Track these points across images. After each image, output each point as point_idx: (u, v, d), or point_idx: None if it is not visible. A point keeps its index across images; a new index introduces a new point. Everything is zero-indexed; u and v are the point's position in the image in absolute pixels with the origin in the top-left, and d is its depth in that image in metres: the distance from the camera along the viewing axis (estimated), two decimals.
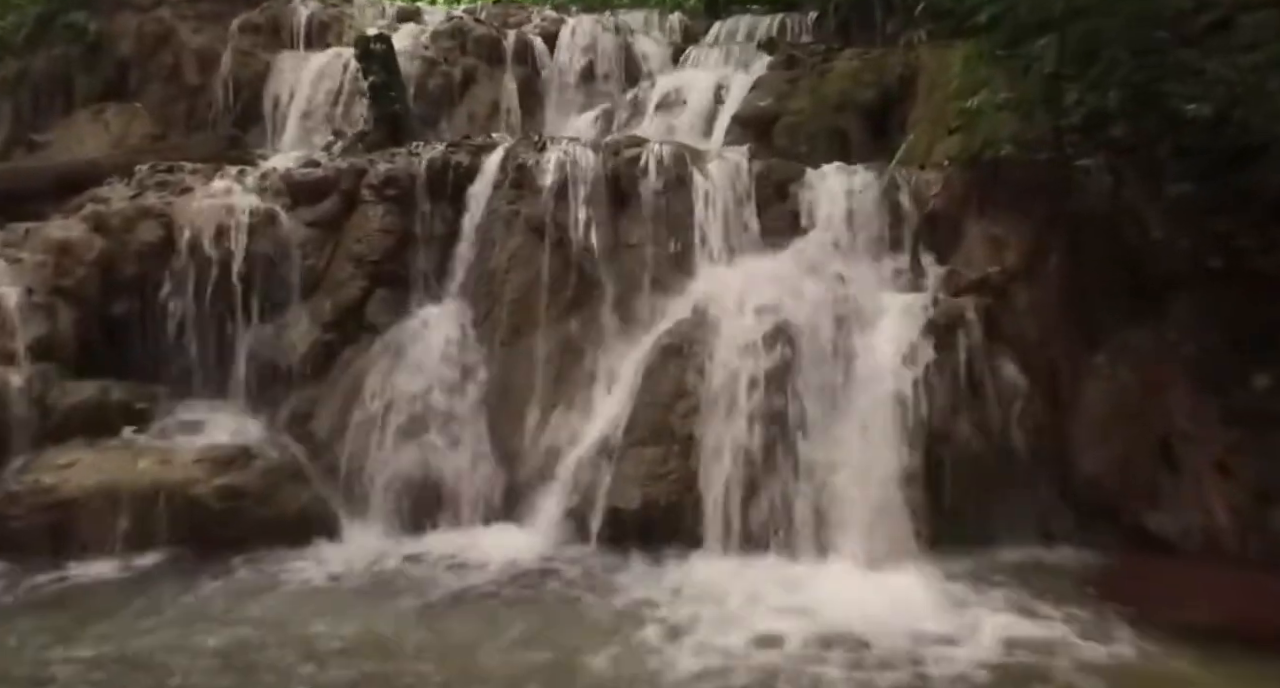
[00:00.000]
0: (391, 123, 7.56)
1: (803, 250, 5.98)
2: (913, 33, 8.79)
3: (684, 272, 5.94)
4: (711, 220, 6.09)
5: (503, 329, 5.99)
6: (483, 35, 9.34)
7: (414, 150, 6.68)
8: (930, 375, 5.20)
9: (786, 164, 6.43)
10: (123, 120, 8.80)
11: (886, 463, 4.99)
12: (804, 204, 6.21)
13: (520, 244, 6.09)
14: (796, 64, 8.96)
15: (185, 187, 6.22)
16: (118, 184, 6.43)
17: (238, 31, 9.17)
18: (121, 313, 5.88)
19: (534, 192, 6.16)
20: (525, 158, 6.25)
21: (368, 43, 7.56)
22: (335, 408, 5.85)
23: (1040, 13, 5.82)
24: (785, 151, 7.33)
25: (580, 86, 9.35)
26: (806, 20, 10.89)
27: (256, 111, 8.96)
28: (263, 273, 6.11)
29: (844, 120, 7.45)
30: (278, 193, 6.41)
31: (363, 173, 6.46)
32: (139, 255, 5.88)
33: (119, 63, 9.25)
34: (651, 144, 6.32)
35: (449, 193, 6.42)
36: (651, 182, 6.16)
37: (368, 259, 6.19)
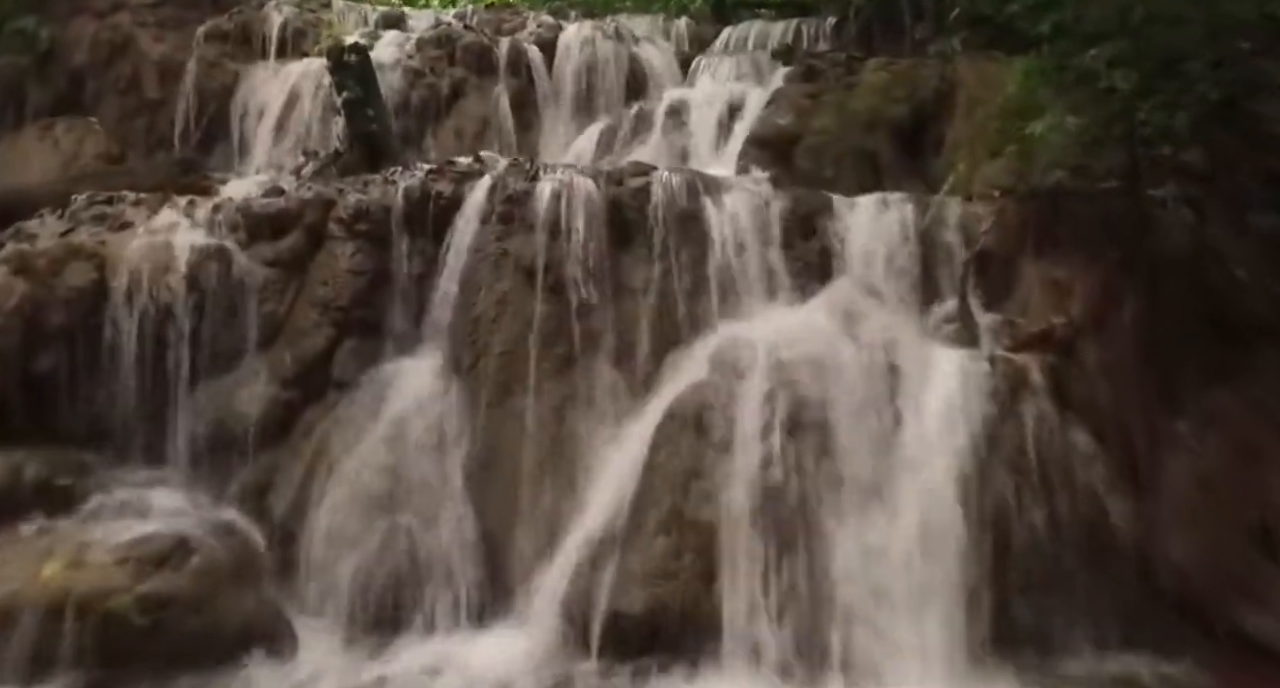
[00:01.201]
0: (368, 143, 6.77)
1: (835, 297, 5.19)
2: (945, 42, 8.04)
3: (697, 323, 5.14)
4: (729, 262, 5.29)
5: (489, 387, 5.18)
6: (472, 43, 8.54)
7: (390, 177, 5.87)
8: (991, 452, 4.43)
9: (813, 194, 5.65)
10: (74, 137, 7.99)
11: (941, 560, 4.22)
12: (835, 241, 5.43)
13: (509, 288, 5.29)
14: (817, 76, 8.16)
15: (124, 221, 5.42)
16: (49, 217, 5.63)
17: (203, 40, 8.34)
18: (46, 368, 5.06)
19: (525, 228, 5.37)
20: (515, 188, 5.46)
21: (341, 54, 6.77)
22: (295, 480, 5.04)
23: (1111, 21, 5.05)
24: (809, 176, 6.55)
25: (579, 100, 8.53)
26: (824, 27, 10.10)
27: (224, 128, 8.13)
28: (213, 321, 5.29)
29: (873, 141, 6.66)
30: (233, 227, 5.60)
31: (330, 204, 5.66)
32: (67, 302, 5.07)
33: (73, 73, 8.41)
34: (659, 172, 5.53)
35: (429, 227, 5.61)
36: (660, 216, 5.38)
37: (335, 305, 5.38)
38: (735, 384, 4.66)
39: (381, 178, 5.88)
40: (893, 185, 6.61)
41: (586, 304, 5.19)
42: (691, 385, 4.76)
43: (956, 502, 4.24)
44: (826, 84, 7.36)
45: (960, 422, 4.49)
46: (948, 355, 4.84)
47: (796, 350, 4.76)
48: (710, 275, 5.26)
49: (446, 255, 5.52)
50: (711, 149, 7.39)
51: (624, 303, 5.27)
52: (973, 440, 4.42)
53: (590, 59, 8.70)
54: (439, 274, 5.49)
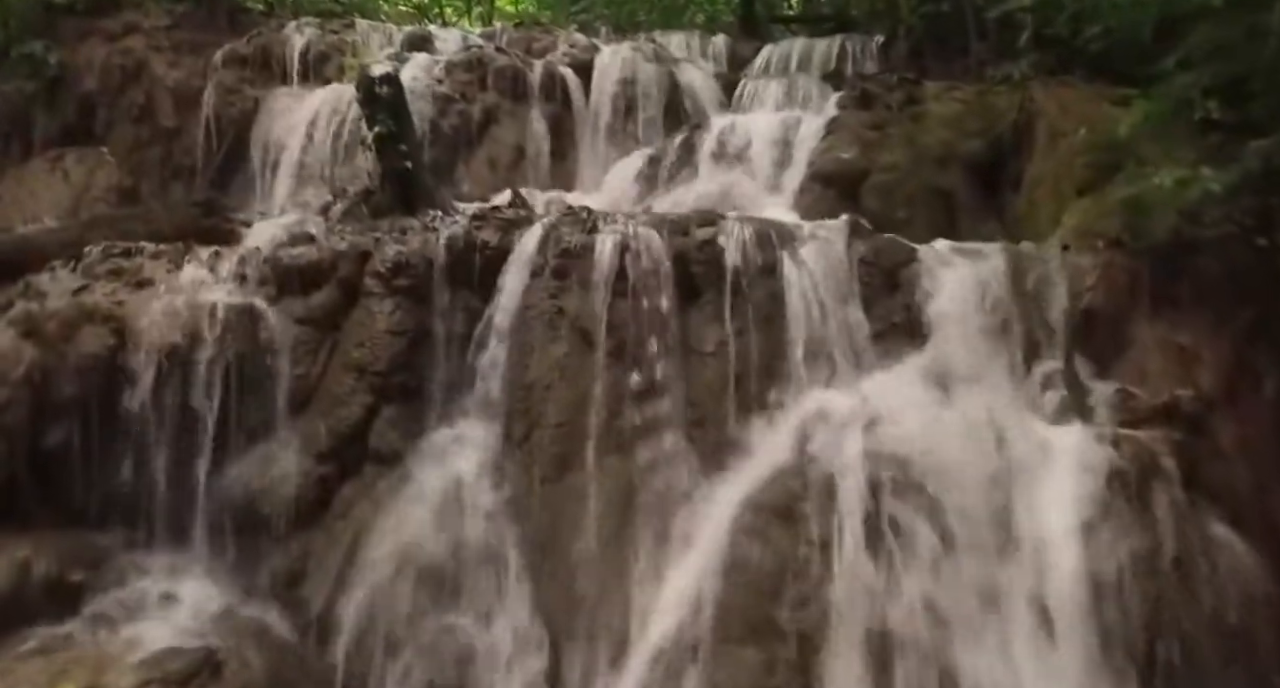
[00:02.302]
0: (401, 181, 6.26)
1: (926, 361, 4.69)
2: (1012, 65, 7.53)
3: (777, 391, 4.63)
4: (808, 322, 4.80)
5: (544, 461, 4.69)
6: (505, 67, 8.05)
7: (430, 224, 5.39)
8: (1121, 550, 3.93)
9: (895, 243, 5.13)
10: (84, 169, 7.52)
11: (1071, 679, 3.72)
12: (921, 296, 4.91)
13: (566, 352, 4.80)
14: (873, 102, 7.67)
15: (143, 278, 4.93)
16: (60, 271, 5.14)
17: (221, 64, 7.87)
18: (57, 443, 4.57)
19: (583, 284, 4.87)
20: (572, 240, 4.97)
21: (372, 84, 6.27)
22: (332, 568, 4.55)
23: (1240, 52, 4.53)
24: (878, 217, 6.03)
25: (618, 126, 8.05)
26: (870, 46, 9.61)
27: (243, 159, 7.67)
28: (239, 387, 4.82)
29: (948, 178, 6.16)
30: (261, 281, 5.12)
31: (366, 256, 5.17)
32: (81, 371, 4.59)
33: (82, 100, 7.95)
34: (728, 222, 5.03)
35: (474, 280, 5.12)
36: (731, 271, 4.89)
37: (372, 369, 4.88)
38: (828, 469, 4.15)
39: (421, 225, 5.39)
40: (969, 227, 6.13)
41: (653, 370, 4.72)
42: (777, 469, 4.26)
43: (1087, 612, 3.75)
44: (890, 114, 6.85)
45: (1083, 514, 3.98)
46: (1061, 433, 4.33)
47: (893, 429, 4.25)
48: (788, 337, 4.75)
49: (494, 313, 5.04)
50: (766, 184, 6.88)
51: (693, 369, 4.78)
52: (1099, 537, 3.92)
53: (629, 82, 8.20)
54: (485, 333, 4.99)
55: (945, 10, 8.80)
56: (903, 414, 4.33)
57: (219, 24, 8.30)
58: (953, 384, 4.54)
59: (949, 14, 8.81)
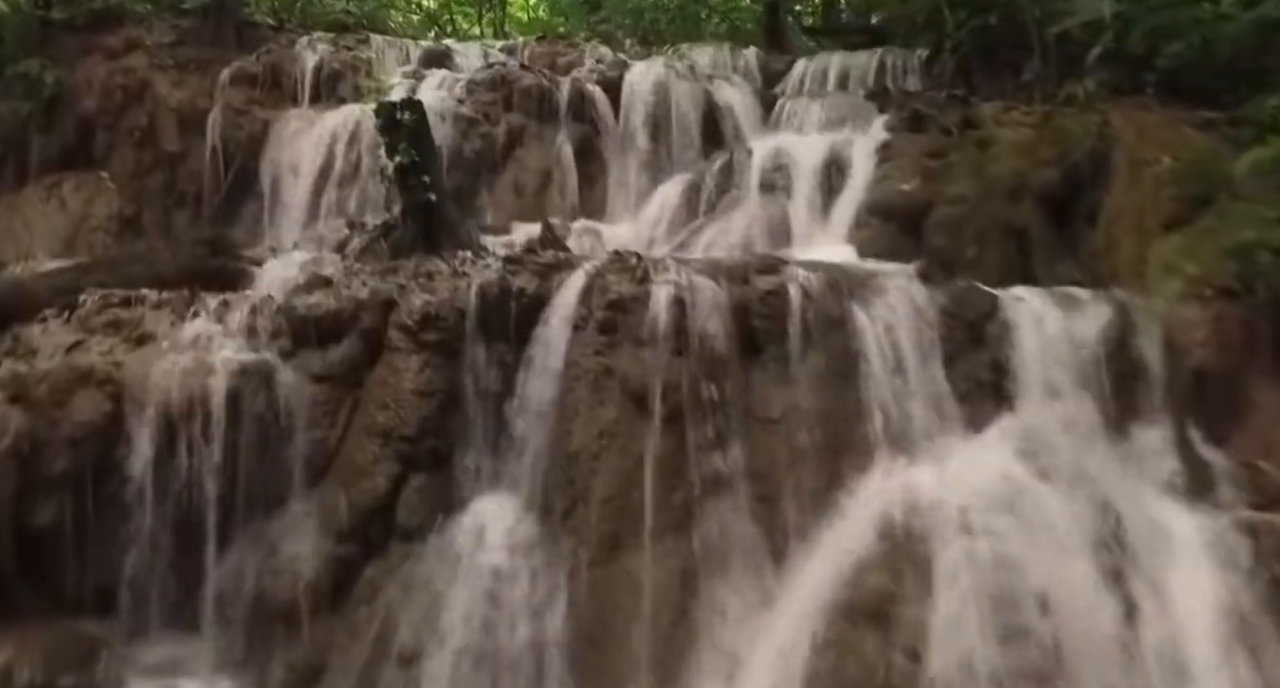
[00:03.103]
0: (424, 215, 5.78)
1: (1017, 427, 4.20)
2: (1075, 85, 7.02)
3: (854, 464, 4.14)
4: (884, 382, 4.30)
5: (591, 541, 4.17)
6: (531, 86, 7.55)
7: (459, 268, 4.90)
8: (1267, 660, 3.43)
9: (975, 291, 4.63)
10: (83, 197, 7.04)
11: None
12: (1006, 352, 4.42)
13: (615, 417, 4.30)
14: (925, 124, 7.16)
15: (144, 332, 4.45)
16: (53, 322, 4.66)
17: (228, 84, 7.40)
18: (47, 522, 4.08)
19: (633, 340, 4.37)
20: (619, 290, 4.48)
21: (393, 110, 5.78)
22: (356, 665, 4.03)
23: None
24: (946, 256, 5.52)
25: (651, 149, 7.54)
26: (912, 60, 9.11)
27: (251, 185, 7.19)
28: (250, 455, 4.33)
29: (1020, 212, 5.62)
30: (274, 334, 4.64)
31: (389, 305, 4.68)
32: (74, 441, 4.10)
33: (81, 121, 7.48)
34: (793, 268, 4.54)
35: (510, 332, 4.64)
36: (799, 326, 4.40)
37: (399, 434, 4.39)
38: (918, 562, 3.66)
39: (449, 269, 4.90)
40: (1044, 266, 5.60)
41: (712, 439, 4.22)
42: (859, 560, 3.74)
43: None
44: (950, 140, 6.34)
45: (1216, 617, 3.50)
46: (1181, 515, 3.84)
47: (990, 512, 3.74)
48: (863, 401, 4.25)
49: (531, 370, 4.55)
50: (815, 215, 6.35)
51: (757, 437, 4.28)
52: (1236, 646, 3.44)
53: (662, 102, 7.69)
54: (522, 393, 4.51)
55: (993, 24, 8.31)
56: (999, 494, 3.82)
57: (226, 40, 7.83)
58: (1049, 454, 4.05)
59: (997, 28, 8.32)
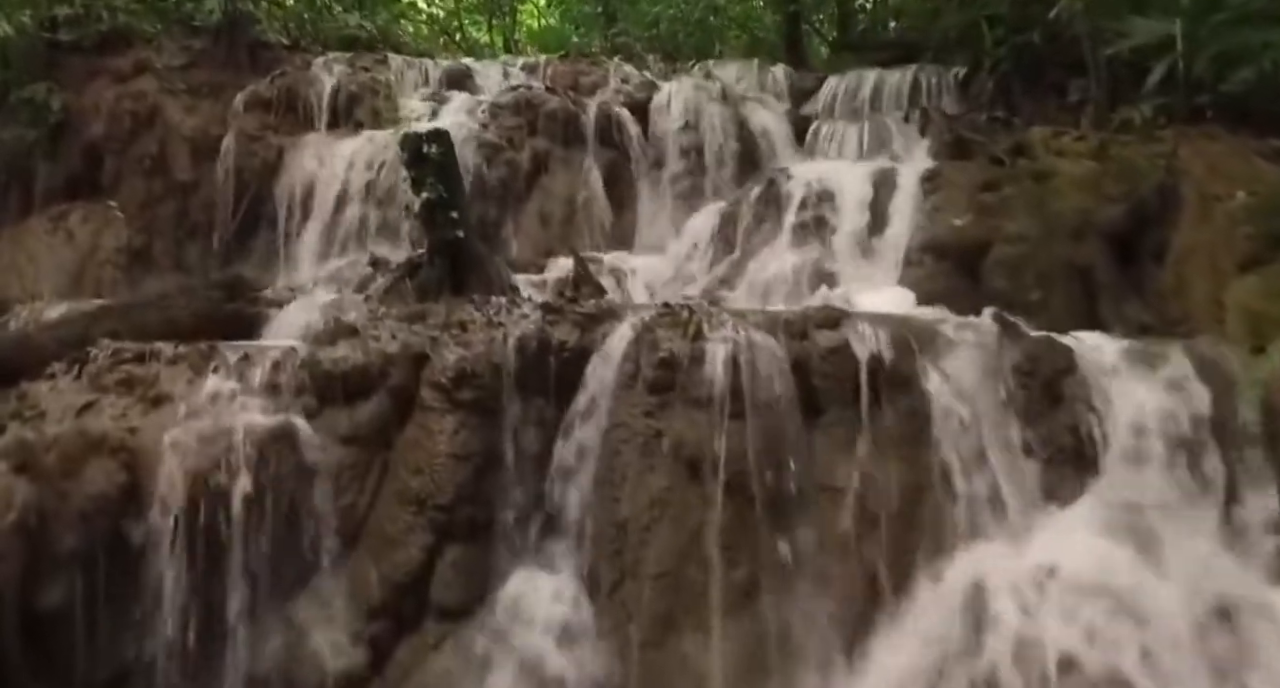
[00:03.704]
0: (451, 253, 5.49)
1: (1105, 499, 3.88)
2: (1130, 110, 6.69)
3: (928, 540, 3.83)
4: (961, 447, 3.98)
5: (643, 621, 3.85)
6: (556, 109, 7.23)
7: (494, 317, 4.59)
8: None
9: (1050, 345, 4.28)
10: (91, 228, 6.73)
11: None
12: (1087, 414, 4.09)
13: (668, 485, 3.97)
14: (970, 150, 6.87)
15: (160, 392, 4.14)
16: (62, 378, 4.35)
17: (242, 109, 7.10)
18: (55, 604, 3.74)
19: (688, 402, 4.05)
20: (670, 346, 4.16)
21: (418, 143, 5.48)
22: None
23: None
24: (1007, 299, 5.18)
25: (683, 175, 7.23)
26: (948, 79, 8.78)
27: (266, 215, 6.89)
28: (274, 526, 4.01)
29: (1084, 251, 5.30)
30: (298, 390, 4.32)
31: (421, 360, 4.35)
32: (85, 516, 3.77)
33: (88, 148, 7.19)
34: (855, 320, 4.22)
35: (550, 388, 4.32)
36: (865, 385, 4.07)
37: (434, 502, 4.06)
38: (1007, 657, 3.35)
39: (483, 319, 4.57)
40: (1112, 309, 5.29)
41: (776, 511, 3.91)
42: (941, 651, 3.44)
43: None
44: (1004, 171, 6.01)
45: None
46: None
47: (1087, 600, 3.45)
48: (937, 467, 3.94)
49: (574, 430, 4.23)
50: (861, 250, 6.02)
51: (821, 508, 3.97)
52: None
53: (693, 125, 7.40)
54: (565, 456, 4.19)
55: (1036, 42, 7.99)
56: (1094, 579, 3.51)
57: (239, 62, 7.53)
58: (1144, 532, 3.73)
59: (1040, 46, 8.00)
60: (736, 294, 5.86)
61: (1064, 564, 3.53)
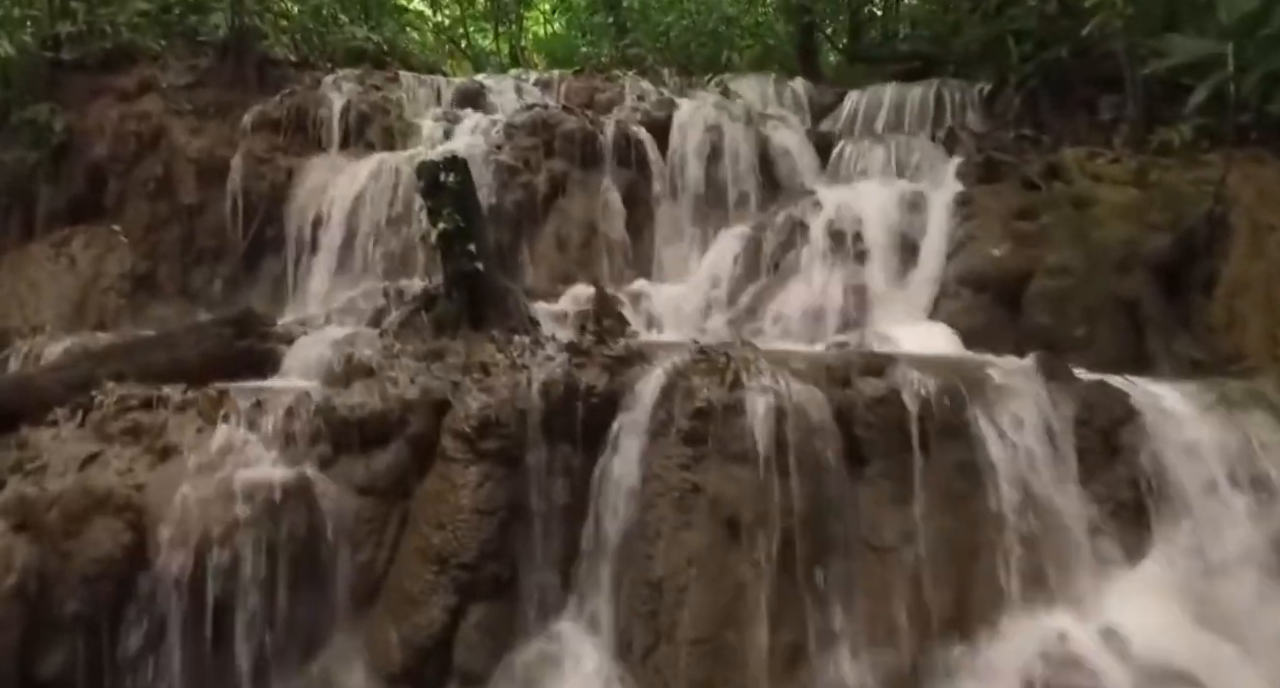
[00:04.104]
0: (469, 285, 5.28)
1: (1172, 559, 3.66)
2: (1169, 131, 6.45)
3: (985, 602, 3.59)
4: (1015, 502, 3.75)
5: None
6: (574, 130, 7.00)
7: (517, 358, 4.37)
8: None
9: (1105, 392, 4.06)
10: (94, 254, 6.51)
11: None
12: (1149, 467, 3.86)
13: (706, 544, 3.73)
14: (1001, 172, 6.64)
15: (168, 444, 3.92)
16: (65, 425, 4.13)
17: (250, 129, 6.86)
18: (56, 672, 3.53)
19: (725, 456, 3.83)
20: (707, 395, 3.93)
21: (435, 171, 5.27)
22: None
23: None
24: (1051, 336, 4.98)
25: (704, 197, 7.00)
26: (972, 94, 8.57)
27: (275, 239, 6.66)
28: (288, 584, 3.80)
29: (1130, 284, 5.08)
30: (313, 438, 4.11)
31: (442, 407, 4.14)
32: (88, 579, 3.56)
33: (92, 169, 6.96)
34: (904, 370, 3.99)
35: (577, 435, 4.11)
36: (915, 438, 3.85)
37: (457, 560, 3.83)
38: None
39: (506, 360, 4.36)
40: (1161, 345, 5.06)
41: (821, 571, 3.69)
42: None
43: None
44: (1040, 196, 5.77)
45: None
46: None
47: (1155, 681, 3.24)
48: (990, 526, 3.72)
49: (604, 481, 4.01)
50: (892, 279, 5.79)
51: (867, 568, 3.75)
52: None
53: (714, 145, 7.16)
54: (594, 508, 3.98)
55: (1065, 58, 7.77)
56: (1162, 655, 3.30)
57: (246, 80, 7.31)
58: (1217, 598, 3.51)
59: (1069, 62, 7.78)
60: (764, 327, 5.65)
61: (1130, 635, 3.32)
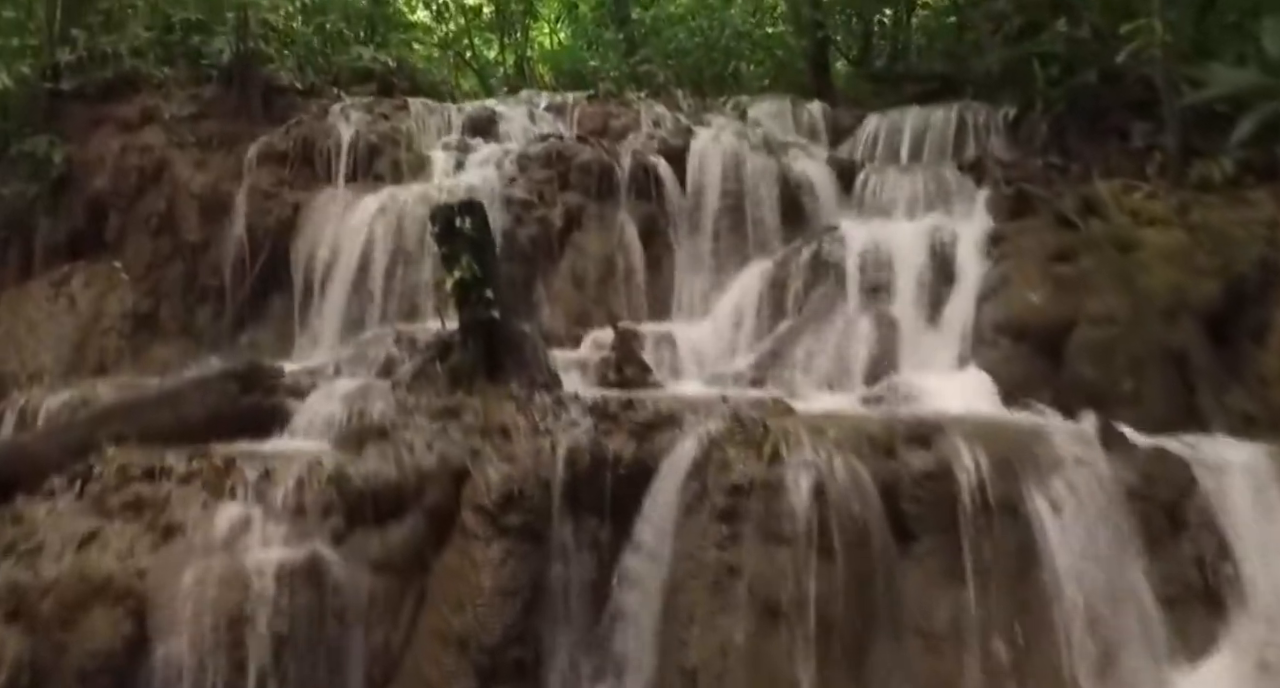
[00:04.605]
0: (486, 335, 5.06)
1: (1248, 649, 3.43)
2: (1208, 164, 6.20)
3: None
4: (1075, 585, 3.52)
5: None
6: (590, 162, 6.75)
7: (539, 422, 4.13)
8: None
9: (1165, 461, 3.82)
10: (94, 293, 6.28)
11: None
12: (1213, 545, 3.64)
13: (746, 631, 3.49)
14: (1033, 205, 6.39)
15: (171, 522, 3.68)
16: (61, 495, 3.91)
17: (255, 163, 6.63)
18: None
19: (765, 535, 3.60)
20: (744, 470, 3.69)
21: (450, 216, 5.03)
22: None
23: None
24: (1096, 390, 4.71)
25: (724, 230, 6.73)
26: (995, 118, 8.31)
27: (281, 277, 6.42)
28: (299, 671, 3.60)
29: (1178, 334, 4.83)
30: (325, 511, 3.88)
31: (460, 477, 3.91)
32: (85, 675, 3.32)
33: (92, 202, 6.76)
34: (953, 441, 3.75)
35: (604, 506, 3.89)
36: (967, 515, 3.63)
37: (480, 644, 3.60)
38: None
39: (528, 424, 4.13)
40: (1212, 399, 4.80)
41: (868, 659, 3.47)
42: None
43: None
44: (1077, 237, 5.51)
45: None
46: None
47: None
48: (1048, 608, 3.48)
49: (633, 557, 3.78)
50: (924, 323, 5.53)
51: (917, 655, 3.53)
52: None
53: (734, 176, 6.89)
54: (623, 587, 3.76)
55: (1094, 82, 7.53)
56: None
57: (251, 109, 7.07)
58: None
59: (1099, 86, 7.54)
60: (792, 373, 5.41)
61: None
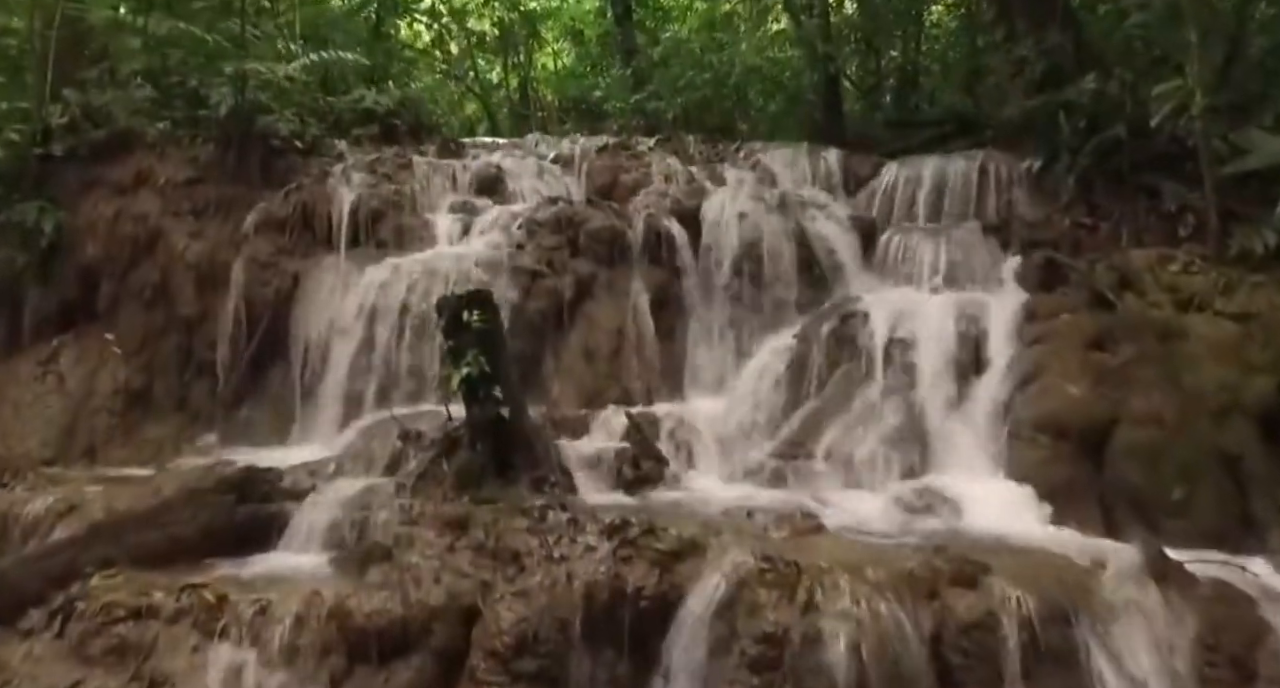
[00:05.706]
0: (495, 433, 4.80)
1: None
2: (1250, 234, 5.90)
3: None
4: None
5: None
6: (601, 228, 6.50)
7: (554, 549, 3.85)
8: None
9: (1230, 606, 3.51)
10: (85, 370, 6.03)
11: None
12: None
13: None
14: (1063, 275, 6.16)
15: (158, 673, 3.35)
16: (40, 635, 3.63)
17: (253, 231, 6.38)
18: None
19: (799, 676, 3.37)
20: (775, 617, 3.38)
21: (457, 307, 4.78)
22: None
23: None
24: (1142, 497, 4.44)
25: (739, 296, 6.49)
26: (1017, 168, 8.03)
27: (280, 351, 6.18)
28: None
29: (1231, 436, 4.52)
30: (324, 650, 3.61)
31: (471, 616, 3.65)
32: None
33: (84, 271, 6.54)
34: (1000, 587, 3.46)
35: (624, 644, 3.62)
36: (1014, 665, 3.38)
37: None
38: None
39: (542, 550, 3.87)
40: (1269, 508, 4.51)
41: None
42: None
43: None
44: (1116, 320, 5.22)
45: None
46: None
47: None
48: None
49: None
50: (953, 412, 5.24)
51: None
52: None
53: (750, 239, 6.65)
54: None
55: (1123, 137, 7.25)
56: None
57: (249, 172, 6.79)
58: None
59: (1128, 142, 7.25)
60: (817, 467, 5.14)
61: None
